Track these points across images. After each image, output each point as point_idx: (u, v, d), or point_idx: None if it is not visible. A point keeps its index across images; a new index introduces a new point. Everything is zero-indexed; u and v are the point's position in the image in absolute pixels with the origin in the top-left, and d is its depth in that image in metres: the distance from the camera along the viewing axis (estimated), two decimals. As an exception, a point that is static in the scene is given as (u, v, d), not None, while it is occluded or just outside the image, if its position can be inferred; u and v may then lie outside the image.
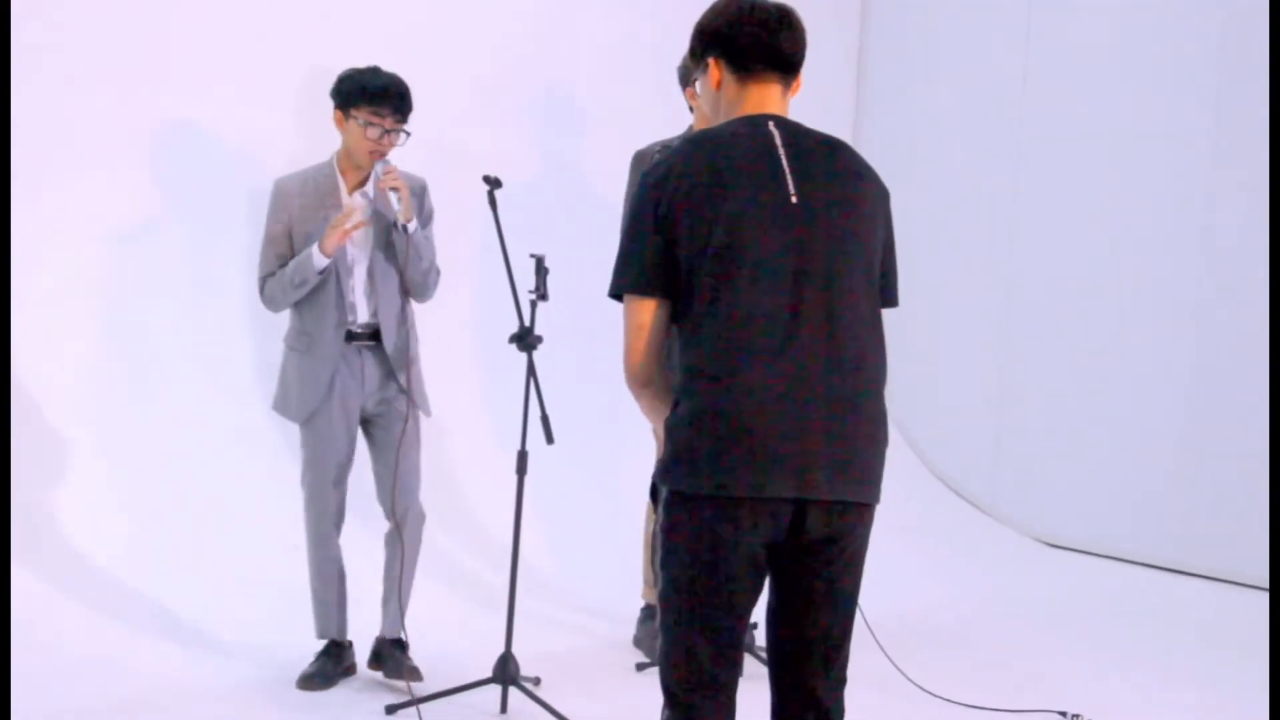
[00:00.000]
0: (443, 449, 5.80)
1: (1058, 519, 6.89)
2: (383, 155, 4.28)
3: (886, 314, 2.82)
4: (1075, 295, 6.86)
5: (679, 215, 2.65)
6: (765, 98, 2.83)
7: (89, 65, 5.14)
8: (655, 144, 4.91)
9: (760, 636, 4.84)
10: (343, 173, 4.37)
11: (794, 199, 2.68)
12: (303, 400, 4.38)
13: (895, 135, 7.38)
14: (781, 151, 2.73)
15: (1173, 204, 6.51)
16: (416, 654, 4.46)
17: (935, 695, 4.57)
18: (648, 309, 2.68)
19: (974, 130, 7.20)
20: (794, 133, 2.78)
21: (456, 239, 5.92)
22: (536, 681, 4.38)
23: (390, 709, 4.17)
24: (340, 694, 4.33)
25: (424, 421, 4.51)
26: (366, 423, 4.47)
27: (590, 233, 5.69)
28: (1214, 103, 6.38)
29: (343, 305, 4.33)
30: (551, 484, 5.42)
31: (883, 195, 2.82)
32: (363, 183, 4.37)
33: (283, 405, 4.46)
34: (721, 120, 2.86)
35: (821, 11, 7.35)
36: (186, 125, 5.37)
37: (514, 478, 4.26)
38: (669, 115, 5.14)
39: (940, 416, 7.33)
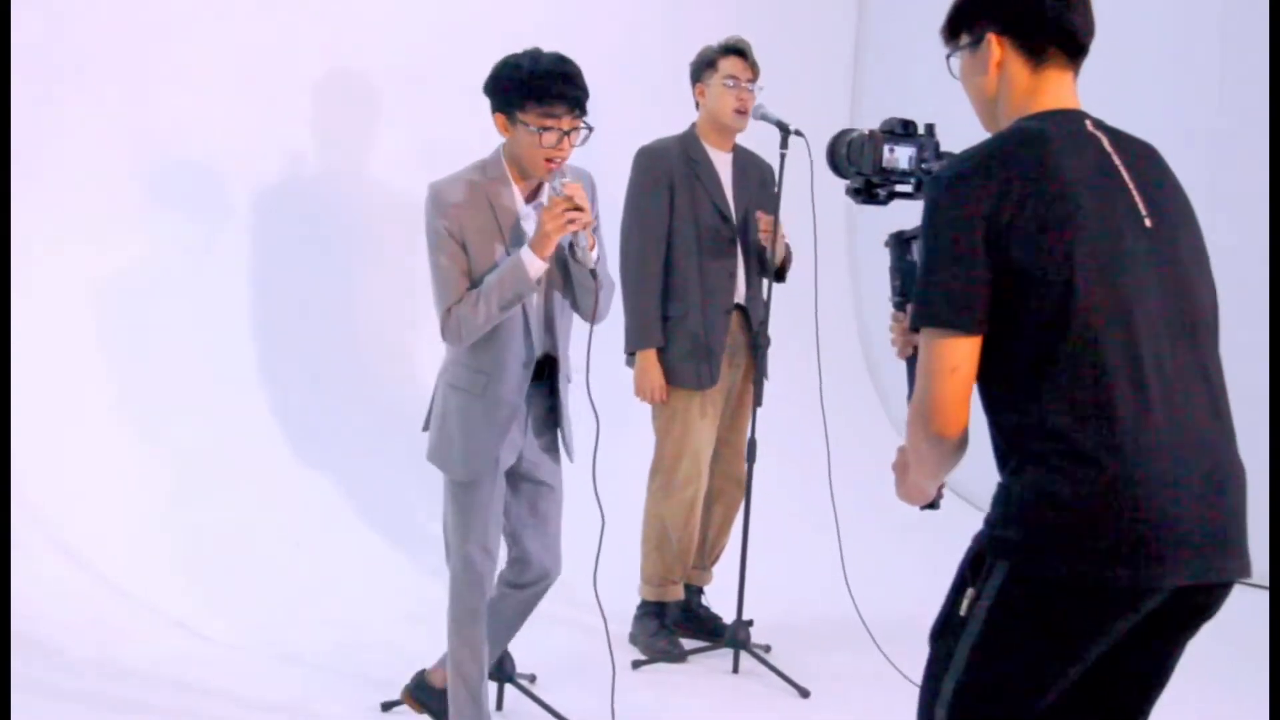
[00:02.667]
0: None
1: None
2: (560, 164, 3.56)
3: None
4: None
5: (1016, 236, 2.14)
6: (1062, 89, 2.34)
7: (88, 61, 5.13)
8: (659, 141, 4.90)
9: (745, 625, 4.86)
10: (512, 175, 3.65)
11: (1148, 221, 2.23)
12: (473, 452, 3.67)
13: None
14: (1116, 160, 2.27)
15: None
16: (413, 647, 4.43)
17: (932, 694, 4.56)
18: (965, 349, 2.16)
19: (971, 128, 7.18)
20: (1116, 136, 2.32)
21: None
22: (532, 679, 4.38)
23: (386, 706, 4.17)
24: (336, 689, 4.33)
25: None
26: (512, 474, 3.83)
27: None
28: (1215, 97, 6.37)
29: (530, 336, 3.66)
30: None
31: None
32: (535, 192, 3.67)
33: (443, 458, 3.71)
34: (1002, 115, 2.38)
35: (818, 2, 7.35)
36: (184, 124, 5.35)
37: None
38: (677, 112, 5.12)
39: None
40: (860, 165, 2.69)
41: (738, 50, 4.83)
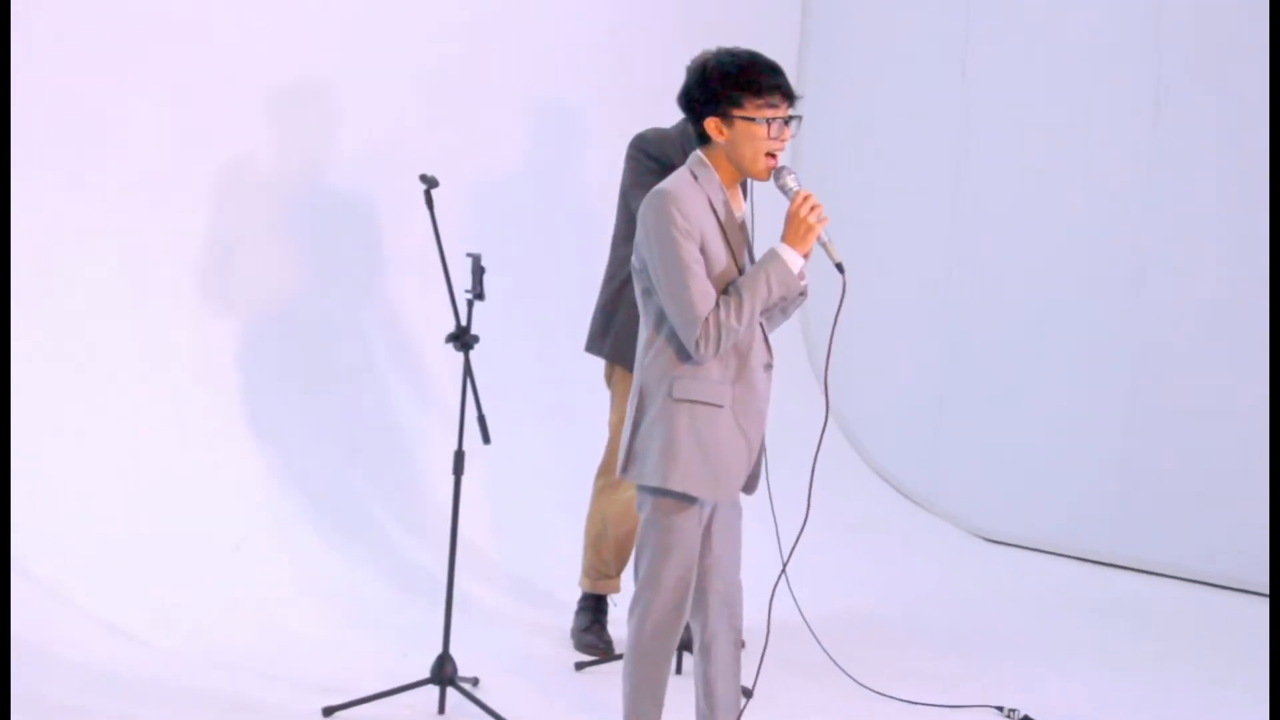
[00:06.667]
0: (385, 448, 5.77)
1: (997, 514, 6.93)
2: (777, 157, 3.34)
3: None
4: (1015, 291, 6.90)
5: None
6: None
7: (56, 59, 5.07)
8: (659, 130, 4.71)
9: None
10: (723, 179, 3.38)
11: None
12: (724, 470, 3.34)
13: (833, 133, 7.38)
14: None
15: (1112, 198, 6.56)
16: (355, 651, 4.40)
17: (873, 690, 4.59)
18: None
19: (914, 125, 7.22)
20: None
21: (394, 238, 5.89)
22: (475, 682, 4.37)
23: (327, 711, 4.15)
24: (276, 695, 4.29)
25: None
26: None
27: (539, 232, 5.66)
28: (1151, 93, 6.46)
29: (766, 338, 3.42)
30: (495, 479, 5.41)
31: None
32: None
33: (706, 478, 3.32)
34: None
35: (762, 3, 7.36)
36: (168, 127, 5.29)
37: (451, 477, 4.24)
38: (624, 113, 5.07)
39: (880, 412, 7.35)
40: None
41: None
